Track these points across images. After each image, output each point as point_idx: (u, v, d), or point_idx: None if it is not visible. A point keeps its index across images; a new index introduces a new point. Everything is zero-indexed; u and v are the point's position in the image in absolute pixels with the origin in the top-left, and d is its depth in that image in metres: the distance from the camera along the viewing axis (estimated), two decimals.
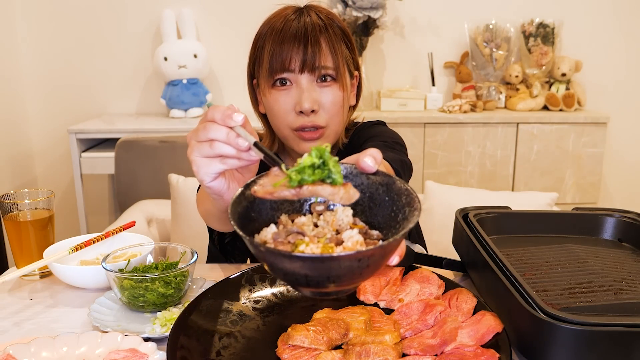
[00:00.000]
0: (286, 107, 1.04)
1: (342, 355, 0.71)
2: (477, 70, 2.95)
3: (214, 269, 1.07)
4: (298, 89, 1.03)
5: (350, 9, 2.71)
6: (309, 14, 1.05)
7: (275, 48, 1.01)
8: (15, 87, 2.92)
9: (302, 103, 1.01)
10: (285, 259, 0.53)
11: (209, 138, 0.71)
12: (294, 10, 1.07)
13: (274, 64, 1.02)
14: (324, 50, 1.02)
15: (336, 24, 1.06)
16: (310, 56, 1.00)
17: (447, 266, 0.94)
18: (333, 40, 1.03)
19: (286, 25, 1.02)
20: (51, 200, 1.07)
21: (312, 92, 1.02)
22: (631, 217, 0.98)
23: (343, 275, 0.53)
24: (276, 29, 1.03)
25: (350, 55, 1.08)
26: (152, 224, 1.88)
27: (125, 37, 2.96)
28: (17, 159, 2.92)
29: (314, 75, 1.02)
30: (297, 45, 1.00)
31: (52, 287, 1.00)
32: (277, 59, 1.01)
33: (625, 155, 3.12)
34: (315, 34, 1.01)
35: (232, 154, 0.71)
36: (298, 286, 0.58)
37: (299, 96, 1.02)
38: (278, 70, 1.02)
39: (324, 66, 1.02)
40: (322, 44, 1.02)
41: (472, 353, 0.69)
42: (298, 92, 1.02)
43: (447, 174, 2.74)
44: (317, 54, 1.01)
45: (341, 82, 1.05)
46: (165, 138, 2.36)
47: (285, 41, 1.01)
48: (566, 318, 0.64)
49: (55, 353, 0.75)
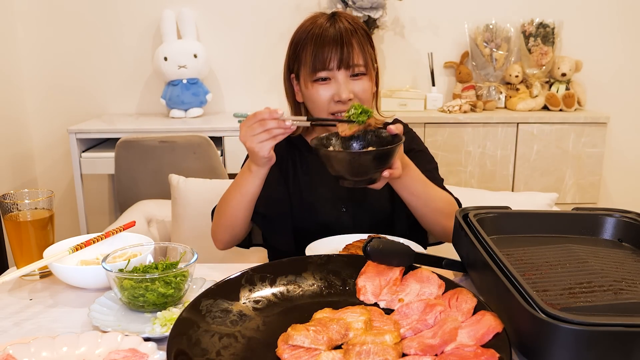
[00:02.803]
0: (327, 98, 1.25)
1: (342, 355, 0.71)
2: (477, 70, 2.95)
3: (214, 269, 1.07)
4: (336, 83, 1.24)
5: (350, 9, 2.71)
6: (341, 21, 1.26)
7: (317, 50, 1.22)
8: (15, 87, 2.92)
9: (341, 94, 1.22)
10: None
11: (266, 128, 1.09)
12: (326, 18, 1.27)
13: (316, 64, 1.23)
14: (356, 51, 1.23)
15: (361, 27, 1.28)
16: (345, 56, 1.22)
17: (447, 266, 0.94)
18: (362, 42, 1.25)
19: (324, 32, 1.23)
20: (51, 200, 1.07)
21: (347, 84, 1.24)
22: (631, 217, 0.98)
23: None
24: (316, 34, 1.24)
25: (372, 52, 1.30)
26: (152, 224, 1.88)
27: (125, 37, 2.96)
28: (17, 159, 2.92)
29: (349, 71, 1.23)
30: (335, 47, 1.22)
31: (52, 287, 1.00)
32: (319, 59, 1.22)
33: (625, 155, 3.12)
34: (348, 37, 1.23)
35: (281, 132, 1.10)
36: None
37: (337, 88, 1.23)
38: (320, 69, 1.23)
39: (357, 64, 1.24)
40: (354, 45, 1.23)
41: (472, 353, 0.69)
42: (336, 85, 1.24)
43: (447, 174, 2.73)
44: (351, 54, 1.22)
45: (370, 75, 1.27)
46: (165, 138, 2.36)
47: (325, 44, 1.22)
48: (566, 318, 0.64)
49: (55, 353, 0.75)
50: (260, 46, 2.98)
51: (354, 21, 1.28)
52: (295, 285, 0.90)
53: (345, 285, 0.90)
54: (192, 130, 2.54)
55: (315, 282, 0.90)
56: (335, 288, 0.90)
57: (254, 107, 2.99)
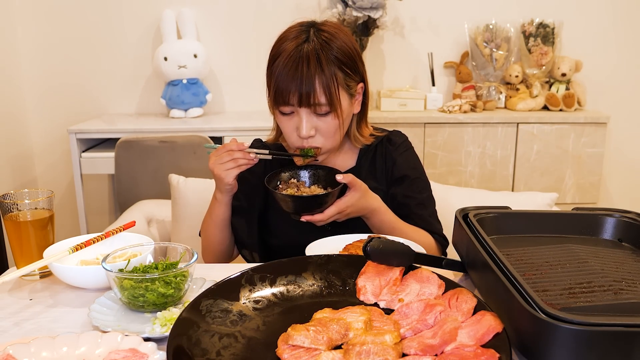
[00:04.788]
0: (290, 130, 1.24)
1: (342, 355, 0.71)
2: (477, 70, 2.95)
3: (214, 269, 1.07)
4: (298, 118, 1.22)
5: (350, 9, 2.71)
6: (308, 43, 1.19)
7: (279, 84, 1.19)
8: (15, 87, 2.92)
9: (301, 131, 1.21)
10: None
11: (232, 157, 1.20)
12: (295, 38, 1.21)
13: (278, 98, 1.21)
14: (317, 91, 1.18)
15: (333, 52, 1.20)
16: (305, 96, 1.18)
17: (447, 266, 0.94)
18: (326, 76, 1.18)
19: (287, 63, 1.18)
20: (51, 200, 1.07)
21: (309, 121, 1.21)
22: (631, 217, 0.98)
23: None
24: (279, 66, 1.19)
25: (347, 78, 1.23)
26: (152, 224, 1.88)
27: (125, 37, 2.96)
28: (17, 159, 2.92)
29: (311, 109, 1.20)
30: (294, 85, 1.18)
31: (52, 287, 1.00)
32: (279, 95, 1.20)
33: (625, 155, 3.12)
34: (309, 75, 1.17)
35: (245, 163, 1.21)
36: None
37: (299, 123, 1.22)
38: (281, 104, 1.21)
39: (318, 103, 1.19)
40: (315, 84, 1.17)
41: (472, 353, 0.69)
42: (298, 120, 1.22)
43: (447, 174, 2.74)
44: (313, 93, 1.18)
45: (336, 111, 1.21)
46: (165, 138, 2.36)
47: (285, 81, 1.18)
48: (566, 318, 0.64)
49: (55, 353, 0.75)
50: (261, 46, 2.96)
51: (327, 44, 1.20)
52: (295, 285, 0.90)
53: (345, 285, 0.90)
54: (192, 130, 2.55)
55: (315, 282, 0.90)
56: (335, 288, 0.90)
57: (254, 106, 3.00)
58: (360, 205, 1.20)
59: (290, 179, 1.25)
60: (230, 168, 1.20)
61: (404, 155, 1.37)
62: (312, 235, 1.15)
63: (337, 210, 1.16)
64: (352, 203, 1.18)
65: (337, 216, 1.18)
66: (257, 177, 1.31)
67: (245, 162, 1.20)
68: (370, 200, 1.22)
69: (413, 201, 1.32)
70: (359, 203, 1.19)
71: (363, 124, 1.36)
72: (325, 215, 1.15)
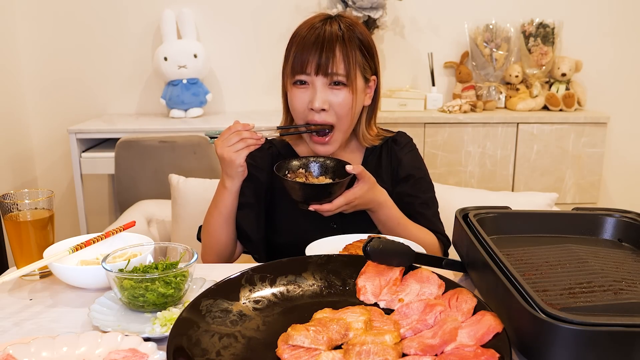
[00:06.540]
0: (302, 103, 1.23)
1: (342, 355, 0.71)
2: (477, 70, 2.95)
3: (214, 269, 1.07)
4: (313, 89, 1.21)
5: (350, 9, 2.71)
6: (332, 24, 1.22)
7: (298, 52, 1.20)
8: (15, 87, 2.92)
9: (314, 102, 1.20)
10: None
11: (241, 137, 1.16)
12: (321, 19, 1.24)
13: (295, 66, 1.21)
14: (337, 58, 1.19)
15: (356, 34, 1.23)
16: (324, 62, 1.18)
17: (447, 266, 0.94)
18: (347, 49, 1.19)
19: (309, 33, 1.20)
20: (51, 200, 1.07)
21: (323, 93, 1.20)
22: (631, 217, 0.98)
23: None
24: (301, 35, 1.21)
25: (365, 62, 1.25)
26: (152, 224, 1.88)
27: (125, 37, 2.96)
28: (17, 159, 2.92)
29: (327, 79, 1.19)
30: (314, 51, 1.18)
31: (52, 287, 1.00)
32: (297, 62, 1.20)
33: (625, 155, 3.12)
34: (331, 43, 1.18)
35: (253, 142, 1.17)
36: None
37: (312, 95, 1.21)
38: (298, 72, 1.21)
39: (336, 72, 1.19)
40: (336, 52, 1.18)
41: (472, 353, 0.69)
42: (312, 92, 1.21)
43: (447, 174, 2.74)
44: (331, 60, 1.18)
45: (351, 87, 1.21)
46: (165, 138, 2.36)
47: (305, 48, 1.19)
48: (566, 318, 0.64)
49: (55, 353, 0.75)
50: (260, 46, 2.98)
51: (349, 26, 1.23)
52: (295, 285, 0.90)
53: (345, 285, 0.90)
54: (192, 130, 2.55)
55: (315, 282, 0.90)
56: (335, 288, 0.90)
57: (254, 106, 3.01)
58: (368, 198, 1.19)
59: (299, 168, 1.24)
60: (240, 149, 1.17)
61: (409, 156, 1.38)
62: (317, 234, 1.14)
63: (345, 201, 1.15)
64: (361, 194, 1.17)
65: (345, 207, 1.17)
66: (263, 174, 1.31)
67: (254, 141, 1.18)
68: (377, 193, 1.21)
69: (417, 200, 1.33)
70: (367, 195, 1.19)
71: (372, 122, 1.36)
72: (333, 205, 1.14)
